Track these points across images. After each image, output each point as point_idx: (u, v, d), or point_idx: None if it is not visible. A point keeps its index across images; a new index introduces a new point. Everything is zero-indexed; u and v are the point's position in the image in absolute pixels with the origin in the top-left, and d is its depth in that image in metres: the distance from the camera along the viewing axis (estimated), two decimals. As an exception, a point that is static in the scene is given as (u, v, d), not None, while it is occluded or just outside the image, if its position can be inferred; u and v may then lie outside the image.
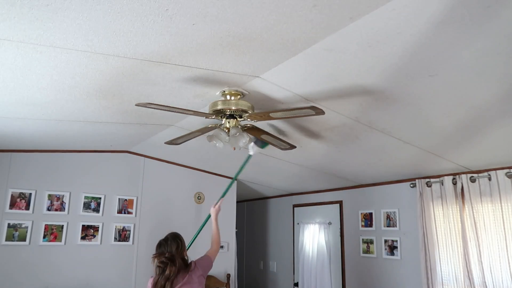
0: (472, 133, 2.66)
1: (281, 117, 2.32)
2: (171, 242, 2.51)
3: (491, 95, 2.12)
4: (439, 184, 3.65)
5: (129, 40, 1.71)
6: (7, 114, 2.77)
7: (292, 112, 2.23)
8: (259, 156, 3.94)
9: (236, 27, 1.62)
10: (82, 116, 2.88)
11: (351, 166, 3.88)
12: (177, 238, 2.56)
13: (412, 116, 2.50)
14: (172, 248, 2.48)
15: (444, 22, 1.54)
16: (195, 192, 4.90)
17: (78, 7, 1.44)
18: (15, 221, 3.85)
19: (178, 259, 2.43)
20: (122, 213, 4.39)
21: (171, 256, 2.42)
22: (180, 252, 2.48)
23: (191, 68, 2.04)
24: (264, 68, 2.06)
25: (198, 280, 2.46)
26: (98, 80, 2.17)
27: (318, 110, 2.11)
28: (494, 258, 3.17)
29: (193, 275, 2.46)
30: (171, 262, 2.40)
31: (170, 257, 2.42)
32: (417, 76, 2.00)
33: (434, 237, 3.62)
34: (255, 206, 6.55)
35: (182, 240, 2.58)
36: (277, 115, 2.29)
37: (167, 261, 2.40)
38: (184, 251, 2.54)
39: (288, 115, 2.30)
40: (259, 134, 2.65)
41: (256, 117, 2.39)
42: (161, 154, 4.51)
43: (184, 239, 2.65)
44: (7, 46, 1.74)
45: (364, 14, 1.52)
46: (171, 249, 2.47)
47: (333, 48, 1.79)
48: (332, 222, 4.94)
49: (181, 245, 2.51)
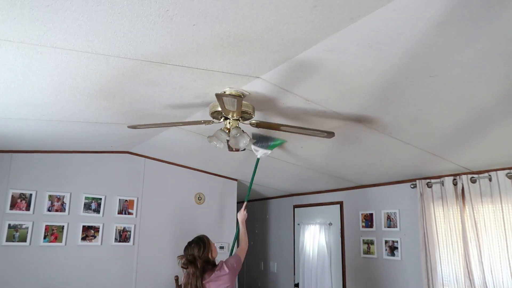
0: (472, 133, 2.66)
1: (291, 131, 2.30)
2: (194, 245, 2.76)
3: (491, 95, 2.12)
4: (439, 184, 3.65)
5: (129, 40, 1.71)
6: (7, 115, 2.77)
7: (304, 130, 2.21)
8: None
9: (237, 28, 1.62)
10: (83, 116, 2.88)
11: (352, 166, 3.88)
12: (201, 242, 2.78)
13: (413, 117, 2.50)
14: (194, 251, 2.73)
15: (444, 22, 1.53)
16: (196, 192, 4.90)
17: (78, 8, 1.44)
18: (15, 222, 3.85)
19: (199, 261, 2.67)
20: (122, 213, 4.39)
21: (193, 258, 2.68)
22: (204, 254, 2.71)
23: (191, 69, 2.04)
24: (265, 69, 2.05)
25: (225, 277, 2.66)
26: (98, 81, 2.17)
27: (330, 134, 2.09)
28: (494, 259, 3.16)
29: (219, 273, 2.68)
30: (191, 263, 2.67)
31: (192, 259, 2.68)
32: (417, 77, 2.00)
33: (434, 238, 3.62)
34: (255, 206, 6.55)
35: (205, 243, 2.78)
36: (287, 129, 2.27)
37: (188, 262, 2.69)
38: (208, 252, 2.74)
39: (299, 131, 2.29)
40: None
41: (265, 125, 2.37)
42: (162, 154, 4.52)
43: (208, 240, 2.83)
44: (8, 46, 1.74)
45: (364, 15, 1.52)
46: (193, 252, 2.72)
47: (334, 48, 1.79)
48: (332, 222, 4.93)
49: (203, 248, 2.73)
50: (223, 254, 4.91)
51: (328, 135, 2.13)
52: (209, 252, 2.76)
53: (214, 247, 2.86)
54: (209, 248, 2.78)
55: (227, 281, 2.67)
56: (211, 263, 2.76)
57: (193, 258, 2.69)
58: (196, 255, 2.71)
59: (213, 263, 2.77)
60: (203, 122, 2.51)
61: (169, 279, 4.49)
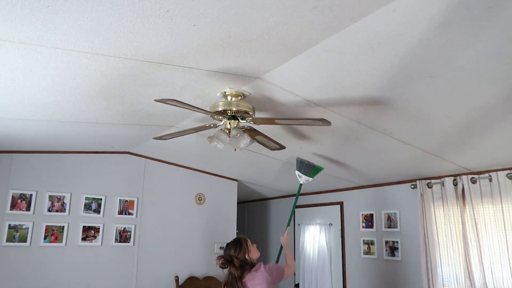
0: (472, 134, 2.66)
1: (286, 124, 2.33)
2: (231, 246, 2.87)
3: (492, 96, 2.12)
4: (440, 185, 3.65)
5: (130, 41, 1.71)
6: (8, 115, 2.77)
7: (298, 121, 2.23)
8: (259, 157, 3.94)
9: (237, 28, 1.62)
10: (83, 117, 2.88)
11: (352, 167, 3.88)
12: (237, 243, 2.88)
13: (413, 117, 2.50)
14: (230, 251, 2.83)
15: (445, 23, 1.53)
16: (196, 193, 4.90)
17: (79, 8, 1.44)
18: (15, 222, 3.85)
19: (236, 260, 2.76)
20: (123, 214, 4.39)
21: (230, 258, 2.77)
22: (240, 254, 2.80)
23: (192, 69, 2.04)
24: (265, 69, 2.06)
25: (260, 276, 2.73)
26: (99, 81, 2.17)
27: (326, 122, 2.09)
28: (495, 259, 3.16)
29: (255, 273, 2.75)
30: (229, 263, 2.76)
31: (229, 259, 2.77)
32: (418, 77, 2.00)
33: (435, 238, 3.61)
34: (256, 207, 6.55)
35: (241, 244, 2.86)
36: (282, 121, 2.29)
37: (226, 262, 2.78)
38: (245, 253, 2.82)
39: (293, 123, 2.31)
40: (254, 135, 2.65)
41: (261, 121, 2.39)
42: (162, 155, 4.52)
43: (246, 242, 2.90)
44: (8, 47, 1.74)
45: (365, 15, 1.52)
46: (230, 252, 2.82)
47: (334, 49, 1.79)
48: (332, 223, 4.93)
49: (239, 248, 2.83)
50: (223, 254, 4.92)
51: (324, 123, 2.12)
52: (246, 253, 2.83)
53: (252, 249, 2.91)
54: (246, 249, 2.85)
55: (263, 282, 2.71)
56: (248, 263, 2.82)
57: (230, 258, 2.79)
58: (233, 255, 2.81)
59: (251, 264, 2.83)
60: (212, 126, 2.55)
61: (169, 280, 4.49)
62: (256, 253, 2.91)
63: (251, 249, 2.88)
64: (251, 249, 2.88)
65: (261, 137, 2.72)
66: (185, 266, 4.62)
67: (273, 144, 2.82)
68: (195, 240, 4.76)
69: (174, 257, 4.59)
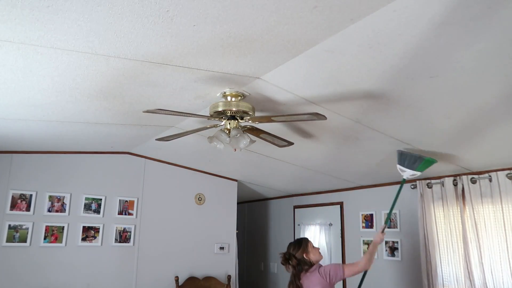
0: (472, 134, 2.66)
1: (283, 121, 2.33)
2: (291, 245, 3.04)
3: (491, 96, 2.12)
4: (439, 185, 3.65)
5: (130, 41, 1.71)
6: (8, 116, 2.77)
7: (294, 117, 2.23)
8: (259, 157, 3.94)
9: (237, 29, 1.62)
10: (83, 117, 2.88)
11: (352, 167, 3.88)
12: (298, 242, 3.03)
13: (413, 117, 2.50)
14: (290, 250, 3.00)
15: (445, 23, 1.54)
16: (196, 193, 4.90)
17: (79, 9, 1.44)
18: (15, 223, 3.85)
19: (293, 259, 2.93)
20: (122, 214, 4.39)
21: (288, 256, 2.96)
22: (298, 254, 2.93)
23: (191, 70, 2.04)
24: (265, 70, 2.06)
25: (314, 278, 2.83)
26: (99, 81, 2.18)
27: (320, 116, 2.10)
28: (495, 260, 3.16)
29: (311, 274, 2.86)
30: (286, 260, 2.98)
31: (287, 256, 2.97)
32: (417, 77, 2.00)
33: (434, 239, 3.61)
34: (255, 207, 6.55)
35: (301, 244, 3.00)
36: (279, 119, 2.30)
37: (285, 259, 2.99)
38: (303, 253, 2.94)
39: (290, 119, 2.32)
40: (258, 134, 2.66)
41: (258, 120, 2.40)
42: (162, 155, 4.52)
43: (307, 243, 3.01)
44: (8, 47, 1.74)
45: (364, 15, 1.52)
46: (289, 250, 3.00)
47: (334, 49, 1.79)
48: (332, 223, 4.93)
49: (298, 248, 2.96)
50: (224, 255, 4.92)
51: (319, 117, 2.12)
52: (305, 253, 2.93)
53: (313, 250, 2.98)
54: (305, 249, 2.95)
55: (316, 283, 2.80)
56: (307, 263, 2.91)
57: (288, 256, 2.96)
58: (291, 253, 2.96)
59: (310, 264, 2.92)
60: (214, 126, 2.56)
61: (169, 280, 4.49)
62: (317, 255, 2.99)
63: (311, 250, 2.97)
64: (311, 250, 2.97)
65: (266, 135, 2.71)
66: (185, 266, 4.62)
67: (280, 141, 2.80)
68: (195, 240, 4.75)
69: (174, 257, 4.59)
